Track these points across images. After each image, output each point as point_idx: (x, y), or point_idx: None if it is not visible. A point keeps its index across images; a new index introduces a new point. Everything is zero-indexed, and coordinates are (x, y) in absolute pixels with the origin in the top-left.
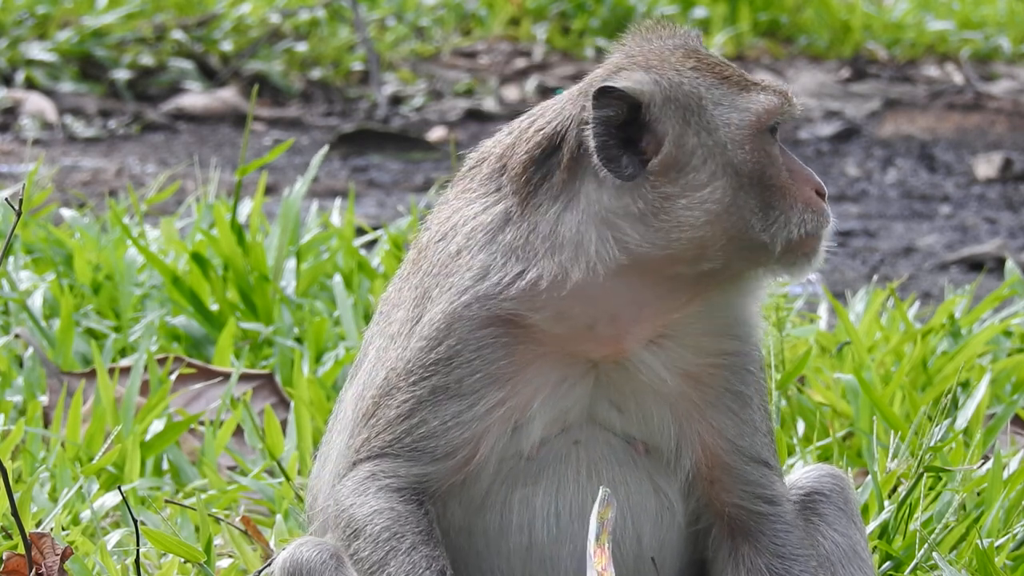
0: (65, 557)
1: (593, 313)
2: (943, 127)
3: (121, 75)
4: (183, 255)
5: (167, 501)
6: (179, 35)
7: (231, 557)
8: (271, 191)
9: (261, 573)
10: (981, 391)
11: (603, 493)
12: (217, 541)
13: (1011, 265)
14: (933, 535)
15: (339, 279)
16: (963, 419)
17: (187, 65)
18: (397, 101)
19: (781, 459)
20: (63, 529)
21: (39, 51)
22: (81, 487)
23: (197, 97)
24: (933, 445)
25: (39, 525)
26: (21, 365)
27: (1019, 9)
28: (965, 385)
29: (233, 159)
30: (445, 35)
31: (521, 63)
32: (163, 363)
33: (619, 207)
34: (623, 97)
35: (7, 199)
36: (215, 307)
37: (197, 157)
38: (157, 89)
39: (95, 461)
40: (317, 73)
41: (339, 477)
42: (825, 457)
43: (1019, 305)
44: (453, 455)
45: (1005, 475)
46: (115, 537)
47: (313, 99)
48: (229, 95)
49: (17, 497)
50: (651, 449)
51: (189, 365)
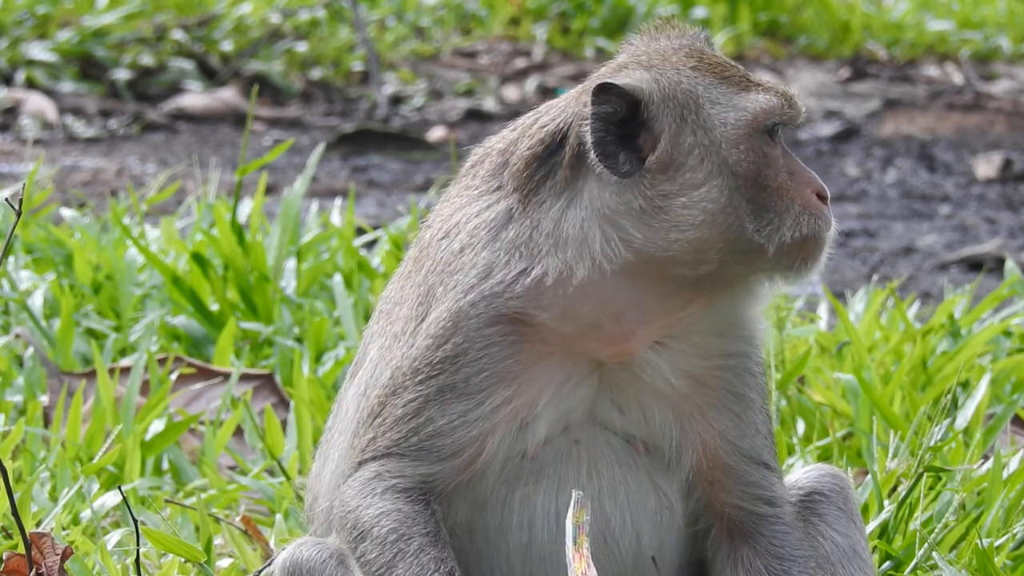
0: (65, 557)
1: (599, 312)
2: (943, 127)
3: (121, 75)
4: (183, 255)
5: (167, 501)
6: (179, 35)
7: (231, 557)
8: (271, 191)
9: (261, 573)
10: (981, 391)
11: (576, 496)
12: (217, 541)
13: (1011, 265)
14: (933, 535)
15: (339, 279)
16: (963, 419)
17: (187, 65)
18: (397, 101)
19: (781, 459)
20: (63, 529)
21: (39, 51)
22: (81, 487)
23: (197, 97)
24: (933, 445)
25: (39, 525)
26: (21, 365)
27: (1019, 9)
28: (965, 385)
29: (233, 159)
30: (445, 35)
31: (521, 63)
32: (163, 363)
33: (621, 205)
34: (622, 95)
35: (7, 199)
36: (215, 307)
37: (197, 157)
38: (157, 89)
39: (95, 461)
40: (317, 73)
41: (343, 478)
42: (825, 457)
43: (1019, 305)
44: (459, 454)
45: (1005, 475)
46: (115, 537)
47: (313, 99)
48: (229, 95)
49: (17, 497)
50: (651, 449)
51: (189, 365)
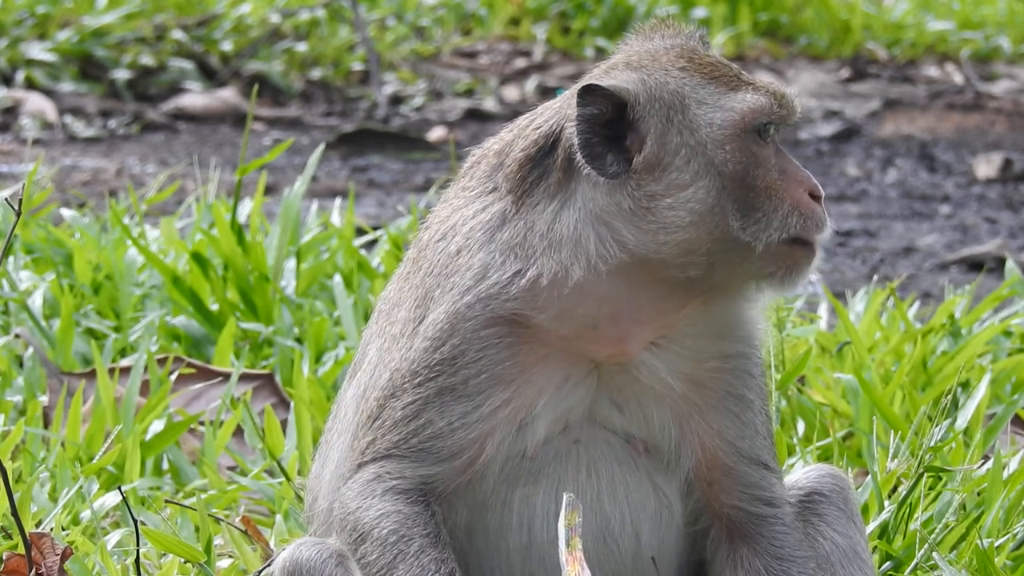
0: (65, 557)
1: (596, 312)
2: (943, 127)
3: (121, 75)
4: (183, 255)
5: (167, 501)
6: (179, 35)
7: (231, 557)
8: (271, 191)
9: (261, 573)
10: (981, 391)
11: (568, 499)
12: (217, 541)
13: (1011, 265)
14: (933, 535)
15: (339, 279)
16: (963, 419)
17: (187, 65)
18: (397, 101)
19: (781, 459)
20: (63, 529)
21: (39, 51)
22: (81, 487)
23: (197, 97)
24: (933, 445)
25: (39, 525)
26: (21, 365)
27: (1019, 9)
28: (965, 385)
29: (233, 159)
30: (445, 35)
31: (521, 63)
32: (163, 363)
33: (612, 206)
34: (608, 96)
35: (7, 199)
36: (215, 307)
37: (197, 157)
38: (157, 89)
39: (95, 461)
40: (317, 73)
41: (343, 480)
42: (825, 457)
43: (1019, 305)
44: (459, 455)
45: (1005, 475)
46: (115, 537)
47: (313, 99)
48: (229, 95)
49: (17, 497)
50: (651, 449)
51: (189, 365)
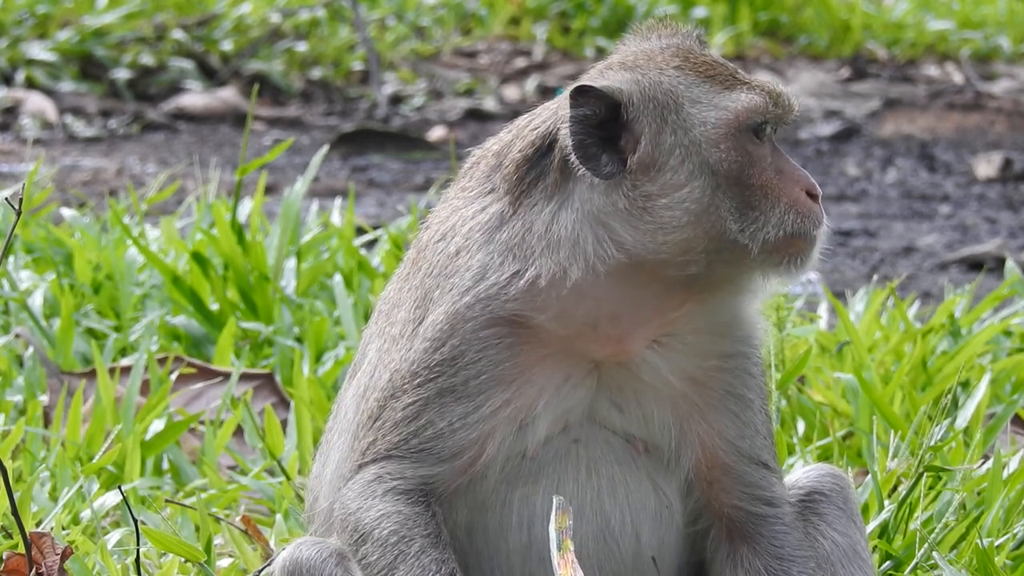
0: (65, 557)
1: (596, 312)
2: (943, 127)
3: (121, 75)
4: (183, 255)
5: (167, 501)
6: (179, 35)
7: (231, 557)
8: (271, 191)
9: (261, 573)
10: (981, 391)
11: (557, 502)
12: (217, 541)
13: (1011, 265)
14: (933, 535)
15: (339, 279)
16: (963, 419)
17: (187, 65)
18: (397, 101)
19: (781, 459)
20: (63, 529)
21: (39, 51)
22: (81, 487)
23: (197, 97)
24: (933, 445)
25: (39, 525)
26: (21, 365)
27: (1019, 9)
28: (965, 385)
29: (233, 159)
30: (445, 35)
31: (521, 63)
32: (163, 363)
33: (608, 206)
34: (601, 97)
35: (7, 199)
36: (215, 307)
37: (197, 157)
38: (157, 89)
39: (95, 461)
40: (317, 73)
41: (343, 480)
42: (825, 457)
43: (1019, 305)
44: (459, 455)
45: (1005, 475)
46: (115, 537)
47: (313, 99)
48: (229, 95)
49: (17, 497)
50: (651, 448)
51: (189, 365)
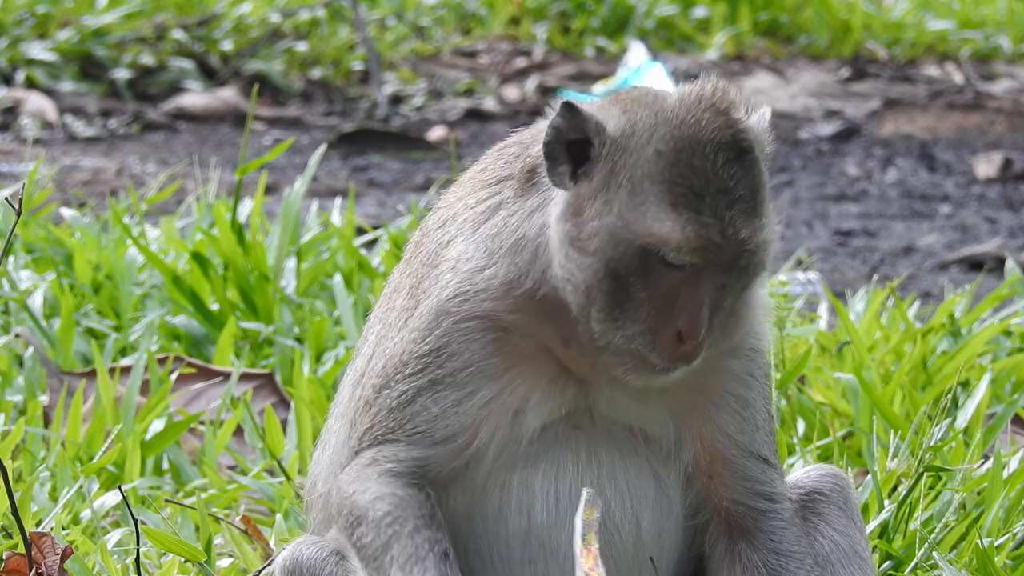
0: (65, 557)
1: (563, 330)
2: (943, 127)
3: (121, 75)
4: (183, 255)
5: (167, 501)
6: (179, 35)
7: (231, 557)
8: (271, 191)
9: (261, 573)
10: (981, 391)
11: (587, 494)
12: (217, 541)
13: (1011, 265)
14: (933, 535)
15: (339, 279)
16: (963, 419)
17: (187, 65)
18: (397, 101)
19: (781, 459)
20: (63, 528)
21: (39, 51)
22: (81, 487)
23: (197, 97)
24: (933, 445)
25: (39, 524)
26: (21, 365)
27: (1019, 9)
28: (965, 385)
29: (233, 159)
30: (445, 35)
31: (521, 63)
32: (163, 363)
33: (561, 220)
34: (581, 122)
35: (7, 199)
36: (215, 307)
37: (197, 157)
38: (157, 89)
39: (95, 461)
40: (317, 73)
41: (340, 467)
42: (825, 457)
43: (1019, 305)
44: (454, 439)
45: (1005, 475)
46: (115, 537)
47: (313, 99)
48: (229, 95)
49: (17, 497)
50: (650, 440)
51: (189, 365)
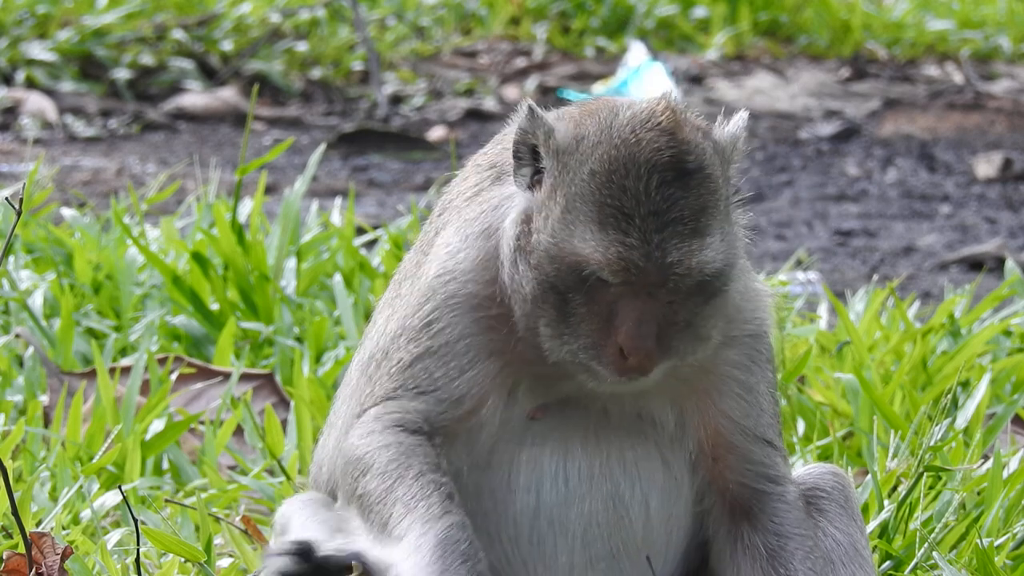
0: (65, 556)
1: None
2: (943, 127)
3: (121, 75)
4: (183, 255)
5: (167, 501)
6: (179, 35)
7: (231, 557)
8: (271, 191)
9: (261, 573)
10: (981, 391)
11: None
12: (217, 541)
13: (1011, 265)
14: (933, 534)
15: (339, 279)
16: (963, 419)
17: (187, 65)
18: (397, 101)
19: None
20: (63, 528)
21: (39, 51)
22: (81, 487)
23: (197, 97)
24: (933, 445)
25: (39, 524)
26: (21, 365)
27: (1019, 9)
28: (965, 385)
29: (233, 159)
30: (445, 35)
31: (521, 63)
32: (163, 363)
33: (522, 217)
34: (536, 125)
35: (7, 199)
36: (215, 307)
37: (197, 157)
38: (157, 89)
39: (95, 461)
40: (317, 73)
41: (345, 434)
42: (825, 456)
43: (1019, 305)
44: (460, 403)
45: (1005, 475)
46: (115, 537)
47: (313, 99)
48: (229, 95)
49: (17, 497)
50: (656, 424)
51: (189, 365)
